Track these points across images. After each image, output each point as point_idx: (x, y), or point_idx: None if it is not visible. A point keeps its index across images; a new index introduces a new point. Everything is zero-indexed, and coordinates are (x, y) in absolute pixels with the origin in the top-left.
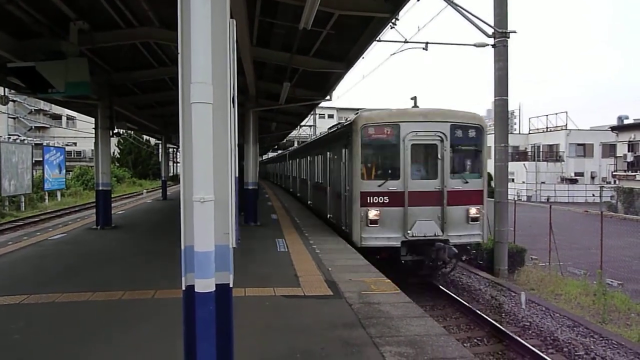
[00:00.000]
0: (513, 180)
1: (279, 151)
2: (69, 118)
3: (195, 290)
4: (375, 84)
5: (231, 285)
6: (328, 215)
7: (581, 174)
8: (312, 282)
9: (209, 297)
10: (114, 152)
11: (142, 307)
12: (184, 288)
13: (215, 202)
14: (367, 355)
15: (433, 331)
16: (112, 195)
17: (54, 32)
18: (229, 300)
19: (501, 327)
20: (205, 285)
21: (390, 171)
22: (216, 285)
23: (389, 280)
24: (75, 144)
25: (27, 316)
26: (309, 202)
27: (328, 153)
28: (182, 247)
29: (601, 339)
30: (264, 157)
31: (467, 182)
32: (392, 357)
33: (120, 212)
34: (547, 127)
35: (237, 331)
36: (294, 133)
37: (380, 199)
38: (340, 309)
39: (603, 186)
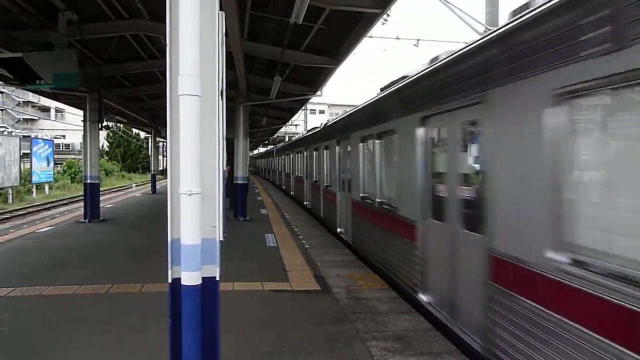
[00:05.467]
0: None
1: (270, 146)
2: (58, 110)
3: (182, 283)
4: (367, 79)
5: (218, 279)
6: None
7: None
8: (301, 277)
9: (195, 290)
10: (102, 145)
11: (129, 300)
12: (170, 281)
13: (202, 195)
14: (353, 350)
15: (420, 326)
16: (101, 189)
17: (42, 23)
18: (215, 294)
19: None
20: (191, 278)
21: None
22: (202, 278)
23: (378, 276)
24: (63, 136)
25: (13, 309)
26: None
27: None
28: (169, 239)
29: None
30: (255, 152)
31: None
32: (378, 352)
33: (108, 205)
34: None
35: (224, 325)
36: (284, 128)
37: None
38: (328, 303)
39: None
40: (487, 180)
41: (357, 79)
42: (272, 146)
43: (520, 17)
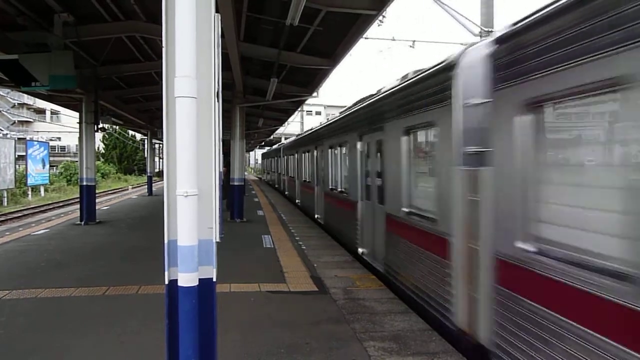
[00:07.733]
0: None
1: (266, 148)
2: (53, 112)
3: (179, 284)
4: (364, 79)
5: (214, 280)
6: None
7: None
8: (298, 278)
9: (192, 291)
10: (98, 148)
11: (126, 302)
12: (167, 282)
13: (199, 196)
14: (350, 350)
15: (417, 326)
16: (97, 191)
17: (38, 24)
18: (212, 295)
19: None
20: (188, 279)
21: None
22: (199, 279)
23: (375, 277)
24: (59, 138)
25: (9, 311)
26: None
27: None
28: (166, 241)
29: None
30: (251, 153)
31: None
32: (375, 352)
33: (105, 207)
34: None
35: (221, 326)
36: (281, 129)
37: None
38: (325, 304)
39: None
40: None
41: (353, 80)
42: (267, 147)
43: None
